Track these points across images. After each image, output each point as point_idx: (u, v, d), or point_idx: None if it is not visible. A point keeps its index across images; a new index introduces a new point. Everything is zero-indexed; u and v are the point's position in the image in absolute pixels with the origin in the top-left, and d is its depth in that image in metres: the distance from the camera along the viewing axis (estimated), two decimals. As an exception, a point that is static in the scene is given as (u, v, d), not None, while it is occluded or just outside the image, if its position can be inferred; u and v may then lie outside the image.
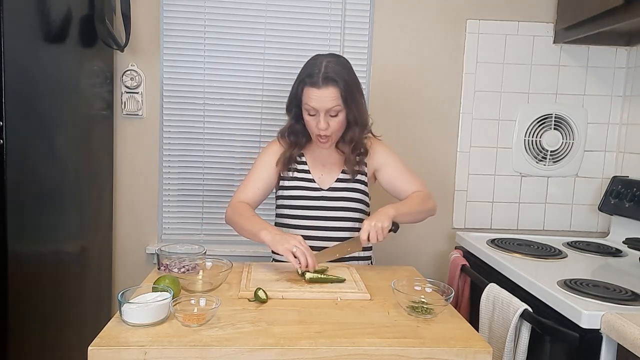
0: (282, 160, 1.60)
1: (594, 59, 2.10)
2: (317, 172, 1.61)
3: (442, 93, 2.10)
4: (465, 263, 1.84)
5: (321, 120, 1.47)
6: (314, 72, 1.45)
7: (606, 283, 1.37)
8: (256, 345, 0.96)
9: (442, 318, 1.13)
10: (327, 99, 1.45)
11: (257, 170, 1.63)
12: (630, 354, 1.07)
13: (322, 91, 1.44)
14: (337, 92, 1.45)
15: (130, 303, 1.04)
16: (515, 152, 2.14)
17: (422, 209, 1.56)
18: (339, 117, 1.49)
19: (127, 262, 2.09)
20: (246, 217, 1.50)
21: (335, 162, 1.62)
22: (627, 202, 1.89)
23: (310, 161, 1.63)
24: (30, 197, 1.40)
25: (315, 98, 1.45)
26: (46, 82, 1.48)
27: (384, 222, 1.40)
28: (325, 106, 1.46)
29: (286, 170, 1.61)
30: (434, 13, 2.06)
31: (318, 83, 1.44)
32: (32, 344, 1.43)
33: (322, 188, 1.59)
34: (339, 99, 1.46)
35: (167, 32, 2.01)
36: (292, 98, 1.55)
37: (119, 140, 2.04)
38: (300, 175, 1.61)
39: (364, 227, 1.40)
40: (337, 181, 1.60)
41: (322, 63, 1.46)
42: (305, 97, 1.48)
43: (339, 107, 1.47)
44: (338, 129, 1.52)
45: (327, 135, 1.50)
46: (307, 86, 1.46)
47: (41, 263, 1.49)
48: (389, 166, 1.62)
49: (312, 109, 1.47)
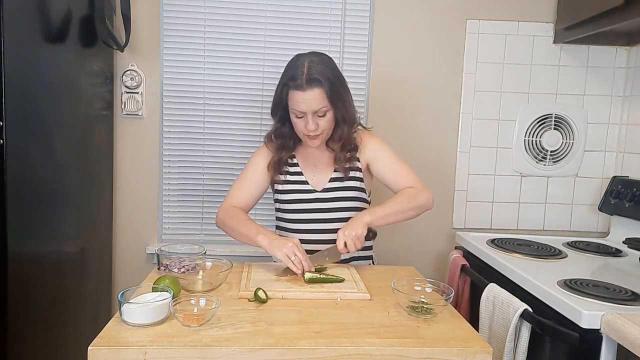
0: (272, 164, 1.58)
1: (594, 59, 2.10)
2: (310, 174, 1.60)
3: (442, 93, 2.10)
4: (465, 263, 1.84)
5: (309, 122, 1.45)
6: (297, 75, 1.41)
7: (606, 283, 1.37)
8: (256, 345, 0.96)
9: (442, 318, 1.13)
10: (312, 101, 1.42)
11: (247, 174, 1.60)
12: (630, 354, 1.07)
13: (307, 93, 1.41)
14: (323, 93, 1.42)
15: (130, 303, 1.04)
16: (515, 152, 2.14)
17: (410, 207, 1.50)
18: (327, 117, 1.47)
19: (127, 262, 2.09)
20: (241, 221, 1.50)
21: (327, 162, 1.59)
22: (627, 202, 1.89)
23: (302, 163, 1.61)
24: (30, 197, 1.40)
25: (301, 101, 1.42)
26: (46, 82, 1.48)
27: (358, 230, 1.38)
28: (312, 108, 1.43)
29: (278, 174, 1.59)
30: (434, 13, 2.06)
31: (302, 86, 1.40)
32: (32, 343, 1.43)
33: (315, 190, 1.58)
34: (325, 100, 1.43)
35: (167, 32, 2.01)
36: (276, 101, 1.51)
37: (119, 140, 2.04)
38: (293, 178, 1.59)
39: (338, 236, 1.38)
40: (330, 181, 1.58)
41: (305, 64, 1.42)
42: (290, 100, 1.45)
43: (325, 108, 1.45)
44: (328, 128, 1.50)
45: (317, 134, 1.48)
46: (292, 89, 1.43)
47: (41, 263, 1.49)
48: (378, 159, 1.58)
49: (299, 112, 1.45)
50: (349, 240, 1.37)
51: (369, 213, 1.45)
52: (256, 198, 1.61)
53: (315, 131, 1.46)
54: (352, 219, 1.45)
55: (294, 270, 1.33)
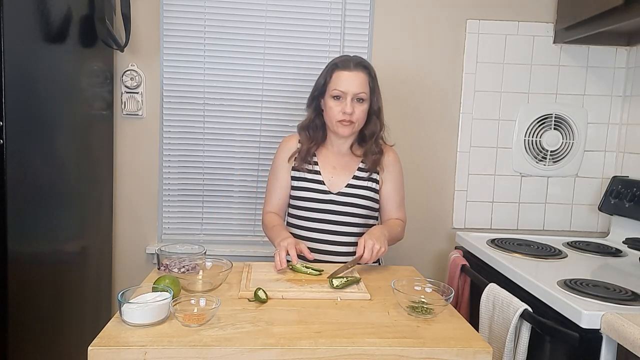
0: (300, 155, 1.62)
1: (594, 59, 2.10)
2: (328, 174, 1.61)
3: (442, 93, 2.10)
4: (465, 263, 1.84)
5: (348, 103, 1.51)
6: (346, 59, 1.56)
7: (606, 283, 1.37)
8: (256, 345, 0.96)
9: (442, 318, 1.13)
10: (356, 82, 1.52)
11: (272, 179, 1.67)
12: (630, 354, 1.07)
13: (353, 74, 1.52)
14: (367, 79, 1.54)
15: (130, 303, 1.04)
16: (515, 152, 2.14)
17: (398, 238, 1.63)
18: (364, 106, 1.55)
19: (127, 262, 2.09)
20: (270, 228, 1.60)
21: (346, 166, 1.62)
22: (627, 202, 1.89)
23: (322, 162, 1.63)
24: (30, 197, 1.40)
25: (345, 80, 1.51)
26: (46, 82, 1.48)
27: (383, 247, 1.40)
28: (354, 90, 1.51)
29: (302, 165, 1.61)
30: (434, 13, 2.06)
31: (350, 67, 1.53)
32: (32, 344, 1.43)
33: (331, 192, 1.59)
34: (367, 86, 1.54)
35: (167, 32, 2.01)
36: (316, 88, 1.60)
37: (119, 140, 2.04)
38: (311, 176, 1.61)
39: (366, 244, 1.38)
40: (347, 186, 1.60)
41: (352, 55, 1.59)
42: (334, 81, 1.53)
43: (365, 95, 1.54)
44: (362, 118, 1.56)
45: (351, 120, 1.53)
46: (339, 69, 1.53)
47: (41, 263, 1.49)
48: (389, 184, 1.64)
49: (340, 93, 1.52)
50: (369, 252, 1.37)
51: (385, 230, 1.49)
52: (285, 199, 1.67)
53: (351, 116, 1.52)
54: (375, 232, 1.45)
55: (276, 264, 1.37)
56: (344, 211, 1.58)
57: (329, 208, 1.58)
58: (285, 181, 1.65)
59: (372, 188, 1.61)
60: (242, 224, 2.11)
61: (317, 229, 1.59)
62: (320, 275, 1.37)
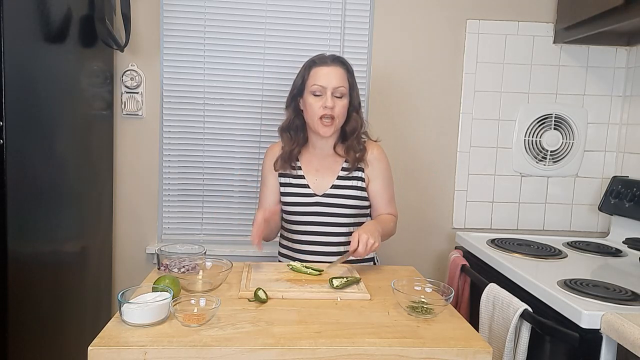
0: (283, 157, 1.61)
1: (594, 59, 2.10)
2: (312, 177, 1.62)
3: (442, 93, 2.10)
4: (465, 263, 1.84)
5: (328, 97, 1.51)
6: (323, 56, 1.58)
7: (606, 283, 1.37)
8: (256, 345, 0.96)
9: (442, 318, 1.13)
10: (335, 76, 1.53)
11: (265, 184, 1.68)
12: (630, 354, 1.07)
13: (331, 68, 1.53)
14: (345, 74, 1.55)
15: (130, 303, 1.04)
16: (515, 152, 2.14)
17: (391, 233, 1.63)
18: (344, 101, 1.55)
19: (127, 262, 2.09)
20: None
21: (330, 167, 1.62)
22: (627, 202, 1.89)
23: (305, 166, 1.63)
24: (30, 197, 1.40)
25: (324, 75, 1.52)
26: (46, 82, 1.48)
27: (377, 242, 1.38)
28: (334, 84, 1.52)
29: (285, 166, 1.61)
30: (434, 13, 2.06)
31: (327, 62, 1.55)
32: (32, 343, 1.43)
33: (316, 194, 1.59)
34: (345, 80, 1.55)
35: (167, 32, 2.01)
36: (295, 87, 1.59)
37: (119, 140, 2.04)
38: (296, 180, 1.62)
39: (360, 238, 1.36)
40: (332, 187, 1.60)
41: (327, 53, 1.60)
42: (312, 77, 1.54)
43: (344, 89, 1.54)
44: (342, 114, 1.55)
45: (332, 116, 1.52)
46: (317, 66, 1.54)
47: (41, 263, 1.49)
48: (377, 180, 1.62)
49: (319, 88, 1.52)
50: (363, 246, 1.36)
51: (379, 225, 1.48)
52: (277, 201, 1.66)
53: (332, 110, 1.51)
54: (368, 226, 1.44)
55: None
56: (332, 212, 1.58)
57: (316, 210, 1.58)
58: (275, 187, 1.65)
59: (358, 186, 1.60)
60: (242, 224, 2.11)
61: (308, 231, 1.60)
62: (320, 275, 1.38)
